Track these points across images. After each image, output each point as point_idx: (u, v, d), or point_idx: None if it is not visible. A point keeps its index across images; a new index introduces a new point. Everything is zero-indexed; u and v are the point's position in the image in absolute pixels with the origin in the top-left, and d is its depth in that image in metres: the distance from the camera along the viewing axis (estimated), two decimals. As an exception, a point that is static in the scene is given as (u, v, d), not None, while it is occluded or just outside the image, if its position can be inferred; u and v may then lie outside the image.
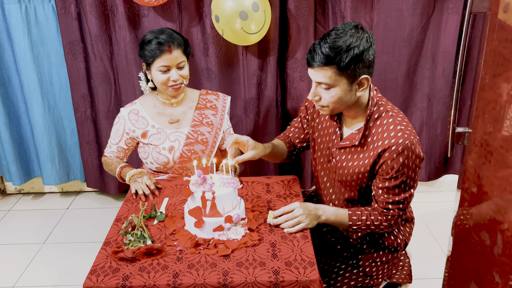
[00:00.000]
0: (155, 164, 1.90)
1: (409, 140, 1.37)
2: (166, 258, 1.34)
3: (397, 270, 1.70)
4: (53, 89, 2.68)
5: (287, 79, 2.57)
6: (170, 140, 1.88)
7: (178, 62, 1.77)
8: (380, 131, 1.42)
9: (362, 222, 1.48)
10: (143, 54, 1.79)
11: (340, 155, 1.54)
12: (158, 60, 1.75)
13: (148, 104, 1.91)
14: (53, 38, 2.56)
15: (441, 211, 2.78)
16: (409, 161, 1.38)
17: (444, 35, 2.47)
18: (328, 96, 1.40)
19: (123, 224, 1.52)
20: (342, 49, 1.30)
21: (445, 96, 2.63)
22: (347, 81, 1.36)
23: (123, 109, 1.91)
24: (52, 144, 2.76)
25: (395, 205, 1.45)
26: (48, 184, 2.86)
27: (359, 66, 1.33)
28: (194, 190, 1.42)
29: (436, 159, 2.81)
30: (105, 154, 1.96)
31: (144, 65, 1.82)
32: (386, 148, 1.38)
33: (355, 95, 1.41)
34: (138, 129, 1.88)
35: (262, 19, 2.22)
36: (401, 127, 1.39)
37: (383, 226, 1.48)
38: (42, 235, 2.62)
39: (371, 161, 1.44)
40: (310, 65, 1.37)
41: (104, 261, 1.34)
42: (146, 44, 1.76)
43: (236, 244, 1.37)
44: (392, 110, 1.45)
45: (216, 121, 1.95)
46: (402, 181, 1.40)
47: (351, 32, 1.33)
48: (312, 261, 1.31)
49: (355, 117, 1.50)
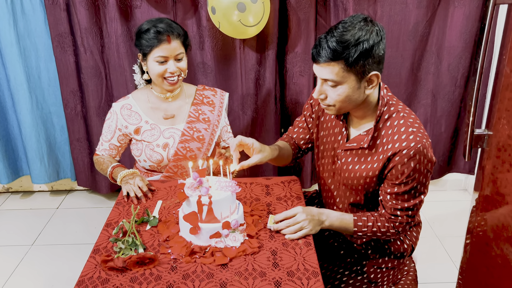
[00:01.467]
0: (148, 162, 1.82)
1: (422, 144, 1.28)
2: (159, 267, 1.26)
3: (403, 276, 1.64)
4: (41, 84, 2.59)
5: (286, 74, 2.50)
6: (164, 137, 1.81)
7: (176, 53, 1.70)
8: (390, 133, 1.34)
9: (368, 228, 1.40)
10: (139, 44, 1.71)
11: (346, 157, 1.46)
12: (155, 50, 1.67)
13: (142, 98, 1.83)
14: (40, 30, 2.46)
15: (445, 211, 2.72)
16: (420, 166, 1.30)
17: (450, 29, 2.41)
18: (335, 94, 1.31)
19: (113, 230, 1.42)
20: (350, 43, 1.22)
21: (450, 93, 2.56)
22: (356, 78, 1.27)
23: (115, 104, 1.83)
24: (40, 141, 2.67)
25: (404, 211, 1.37)
26: (37, 183, 2.77)
27: (369, 61, 1.24)
28: (190, 194, 1.33)
29: (440, 158, 2.75)
30: (97, 152, 1.87)
31: (140, 55, 1.75)
32: (396, 152, 1.30)
33: (363, 93, 1.32)
34: (131, 124, 1.81)
35: (261, 11, 2.13)
36: (413, 129, 1.31)
37: (390, 233, 1.40)
38: (31, 236, 2.54)
39: (380, 165, 1.35)
40: (316, 60, 1.28)
41: (93, 270, 1.26)
42: (144, 33, 1.68)
43: (234, 252, 1.30)
44: (403, 111, 1.37)
45: (213, 117, 1.87)
46: (412, 187, 1.32)
47: (360, 25, 1.24)
48: (316, 271, 1.23)
49: (363, 118, 1.42)
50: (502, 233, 0.97)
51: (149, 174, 1.87)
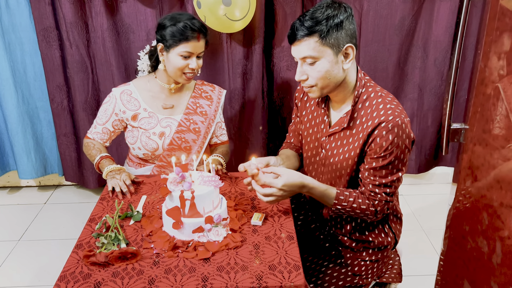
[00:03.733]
0: (143, 150, 1.82)
1: (400, 118, 1.32)
2: (141, 262, 1.26)
3: (387, 269, 1.65)
4: (27, 79, 2.56)
5: (274, 68, 2.49)
6: (161, 126, 1.82)
7: (200, 51, 1.73)
8: (369, 112, 1.37)
9: (348, 203, 1.40)
10: (164, 34, 1.69)
11: (329, 143, 1.48)
12: (184, 44, 1.68)
13: (143, 87, 1.84)
14: (25, 24, 2.43)
15: (432, 204, 2.74)
16: (398, 140, 1.32)
17: (436, 23, 2.41)
18: (314, 71, 1.35)
19: (96, 225, 1.42)
20: (322, 19, 1.30)
21: (436, 87, 2.57)
22: (332, 51, 1.32)
23: (115, 89, 1.83)
24: (27, 136, 2.65)
25: (382, 188, 1.38)
26: (24, 178, 2.75)
27: (341, 34, 1.31)
28: (172, 189, 1.34)
29: (426, 151, 2.76)
30: (88, 135, 1.86)
31: (161, 45, 1.73)
32: (376, 126, 1.34)
33: (342, 68, 1.36)
34: (129, 110, 1.81)
35: (247, 5, 2.12)
36: (391, 106, 1.35)
37: (369, 211, 1.40)
38: (18, 231, 2.52)
39: (360, 142, 1.38)
40: (293, 40, 1.35)
41: (75, 266, 1.26)
42: (174, 25, 1.67)
43: (216, 246, 1.30)
44: (381, 91, 1.41)
45: (210, 112, 1.89)
46: (390, 161, 1.34)
47: (328, 4, 1.33)
48: (297, 265, 1.24)
49: (343, 101, 1.45)
50: (477, 226, 0.98)
51: (141, 165, 1.87)
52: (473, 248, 0.99)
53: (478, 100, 0.97)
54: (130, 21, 2.35)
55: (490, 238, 0.91)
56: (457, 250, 1.11)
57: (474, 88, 0.98)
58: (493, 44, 0.92)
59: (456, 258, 1.11)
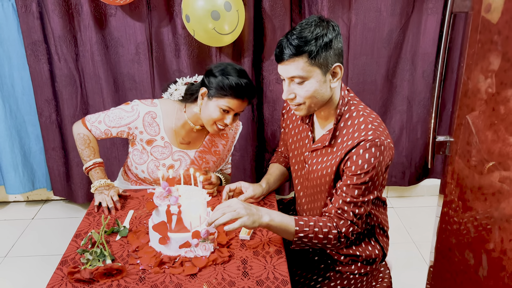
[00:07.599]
0: (145, 174, 1.77)
1: (379, 139, 1.29)
2: (127, 278, 1.24)
3: (377, 282, 1.63)
4: (15, 93, 2.54)
5: (263, 81, 2.50)
6: (173, 159, 1.75)
7: (240, 110, 1.65)
8: (351, 131, 1.36)
9: (310, 228, 1.34)
10: (212, 82, 1.61)
11: (312, 159, 1.47)
12: (228, 99, 1.59)
13: (170, 114, 1.73)
14: (13, 38, 2.42)
15: (422, 216, 2.73)
16: (375, 161, 1.29)
17: (424, 36, 2.44)
18: (303, 91, 1.32)
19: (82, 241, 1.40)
20: (310, 39, 1.27)
21: (425, 99, 2.59)
22: (321, 71, 1.30)
23: (141, 105, 1.71)
24: (15, 150, 2.62)
25: (351, 207, 1.34)
26: (11, 193, 2.71)
27: (330, 54, 1.29)
28: (159, 203, 1.32)
29: (416, 163, 2.77)
30: (87, 123, 1.72)
31: (204, 90, 1.63)
32: (355, 146, 1.32)
33: (330, 87, 1.34)
34: (147, 134, 1.72)
35: (235, 19, 2.13)
36: (372, 126, 1.33)
37: (332, 234, 1.35)
38: (4, 247, 2.48)
39: (337, 160, 1.36)
40: (280, 59, 1.31)
41: (59, 283, 1.23)
42: (226, 78, 1.58)
43: (204, 261, 1.28)
44: (364, 110, 1.39)
45: (223, 152, 1.86)
46: (364, 181, 1.31)
47: (316, 23, 1.30)
48: (285, 280, 1.23)
49: (327, 118, 1.44)
50: (463, 238, 0.98)
51: (137, 183, 1.84)
52: (460, 261, 0.99)
53: (462, 112, 0.98)
54: (119, 35, 2.35)
55: (476, 251, 0.91)
56: (445, 263, 1.10)
57: (458, 100, 0.98)
58: (475, 56, 0.93)
59: (444, 271, 1.10)
